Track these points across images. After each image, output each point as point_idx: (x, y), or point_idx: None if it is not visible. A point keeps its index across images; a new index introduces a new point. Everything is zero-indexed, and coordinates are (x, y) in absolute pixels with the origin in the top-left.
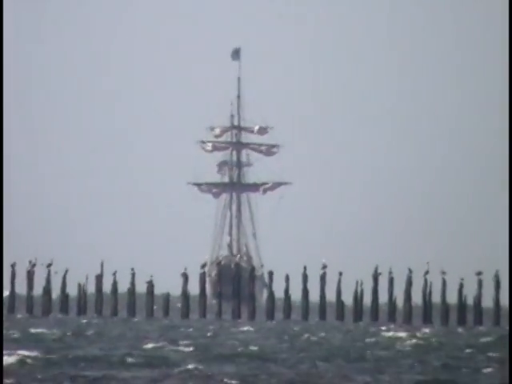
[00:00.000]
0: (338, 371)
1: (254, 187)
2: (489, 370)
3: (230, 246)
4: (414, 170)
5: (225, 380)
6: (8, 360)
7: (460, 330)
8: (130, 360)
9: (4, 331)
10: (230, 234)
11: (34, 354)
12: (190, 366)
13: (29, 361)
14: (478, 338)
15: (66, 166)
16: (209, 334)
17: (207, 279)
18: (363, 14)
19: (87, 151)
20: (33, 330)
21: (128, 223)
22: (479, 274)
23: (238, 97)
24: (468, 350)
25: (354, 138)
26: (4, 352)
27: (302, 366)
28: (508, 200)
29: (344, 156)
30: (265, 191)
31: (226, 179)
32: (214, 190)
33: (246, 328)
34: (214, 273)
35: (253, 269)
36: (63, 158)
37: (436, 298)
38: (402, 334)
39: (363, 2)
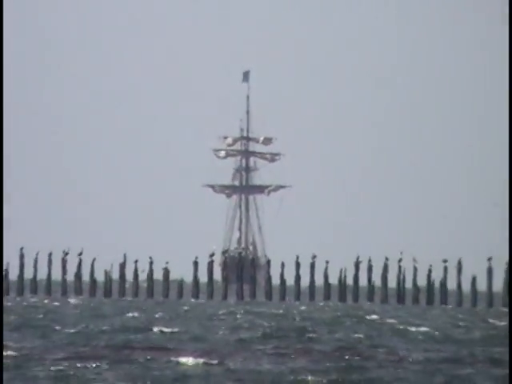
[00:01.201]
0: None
1: (260, 189)
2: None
3: (239, 240)
4: (398, 171)
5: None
6: None
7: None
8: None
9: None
10: (240, 230)
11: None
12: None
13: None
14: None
15: (100, 172)
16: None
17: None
18: (364, 38)
19: (115, 151)
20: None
21: (149, 219)
22: (445, 261)
23: (247, 112)
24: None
25: (346, 146)
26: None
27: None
28: (508, 198)
29: (336, 163)
30: (269, 193)
31: (237, 182)
32: (227, 191)
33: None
34: (222, 261)
35: (254, 258)
36: (95, 163)
37: (408, 282)
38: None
39: (366, 22)
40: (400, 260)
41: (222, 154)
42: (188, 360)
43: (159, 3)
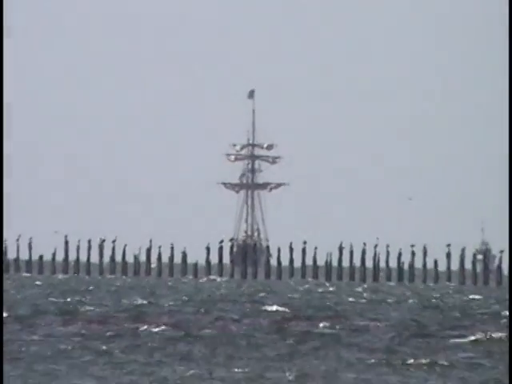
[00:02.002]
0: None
1: (263, 186)
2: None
3: (246, 229)
4: (380, 171)
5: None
6: None
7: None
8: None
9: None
10: (246, 221)
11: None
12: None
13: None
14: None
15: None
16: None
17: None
18: (364, 52)
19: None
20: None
21: (171, 212)
22: (412, 246)
23: (253, 124)
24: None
25: (339, 150)
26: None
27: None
28: (508, 196)
29: (326, 165)
30: (271, 189)
31: (244, 181)
32: (236, 188)
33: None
34: (230, 247)
35: (255, 244)
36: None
37: (382, 264)
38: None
39: (365, 35)
40: (376, 246)
41: (232, 158)
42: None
43: (171, 21)
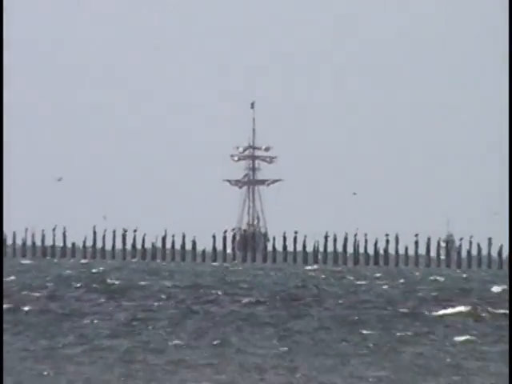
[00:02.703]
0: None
1: (262, 182)
2: (384, 284)
3: (248, 221)
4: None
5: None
6: None
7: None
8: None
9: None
10: (248, 213)
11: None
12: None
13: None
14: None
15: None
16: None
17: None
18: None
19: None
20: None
21: (183, 205)
22: (387, 235)
23: (253, 130)
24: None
25: (333, 150)
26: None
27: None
28: (508, 193)
29: (315, 165)
30: (268, 185)
31: (246, 178)
32: (239, 184)
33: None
34: (232, 236)
35: (254, 233)
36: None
37: (361, 250)
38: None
39: (369, 55)
40: (356, 234)
41: (236, 158)
42: None
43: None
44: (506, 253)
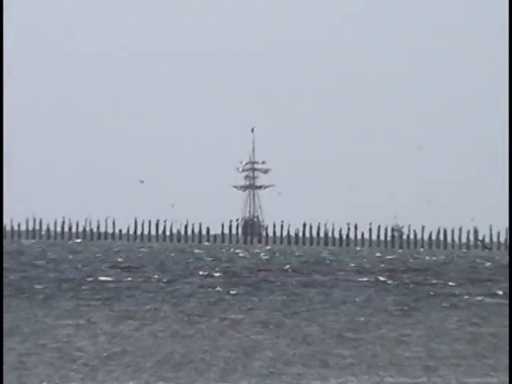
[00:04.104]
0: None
1: (259, 187)
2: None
3: (249, 214)
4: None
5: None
6: None
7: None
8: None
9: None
10: (249, 209)
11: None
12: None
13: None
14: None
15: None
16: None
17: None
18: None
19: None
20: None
21: (201, 204)
22: (348, 224)
23: (253, 149)
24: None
25: (323, 157)
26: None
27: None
28: (508, 191)
29: (301, 173)
30: (264, 189)
31: (248, 184)
32: (243, 189)
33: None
34: (239, 224)
35: (253, 223)
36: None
37: (330, 235)
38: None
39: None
40: (326, 224)
41: (240, 170)
42: None
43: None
44: (433, 236)
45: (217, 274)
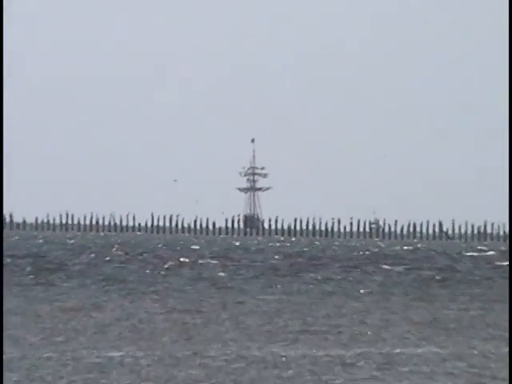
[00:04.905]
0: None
1: (259, 189)
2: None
3: (249, 211)
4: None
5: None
6: None
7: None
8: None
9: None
10: (250, 207)
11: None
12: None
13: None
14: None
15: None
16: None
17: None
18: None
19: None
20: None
21: (210, 203)
22: (333, 218)
23: (253, 157)
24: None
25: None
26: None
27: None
28: (508, 190)
29: (292, 179)
30: (263, 191)
31: (249, 186)
32: (245, 190)
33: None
34: (241, 219)
35: (253, 218)
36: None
37: (317, 227)
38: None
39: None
40: (314, 218)
41: (243, 174)
42: None
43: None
44: (405, 229)
45: (214, 261)
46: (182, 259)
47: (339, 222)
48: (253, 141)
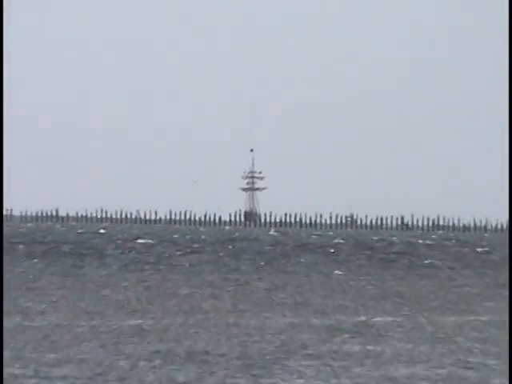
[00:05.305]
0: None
1: (257, 189)
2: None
3: (249, 208)
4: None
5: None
6: None
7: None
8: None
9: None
10: (249, 204)
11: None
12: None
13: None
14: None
15: None
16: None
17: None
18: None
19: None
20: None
21: (215, 201)
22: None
23: (252, 164)
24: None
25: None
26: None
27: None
28: (508, 194)
29: (287, 180)
30: (261, 190)
31: (249, 187)
32: (245, 190)
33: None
34: (243, 213)
35: (251, 213)
36: None
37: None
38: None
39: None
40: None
41: (244, 177)
42: None
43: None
44: (373, 221)
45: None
46: (194, 245)
47: (321, 215)
48: (251, 150)
